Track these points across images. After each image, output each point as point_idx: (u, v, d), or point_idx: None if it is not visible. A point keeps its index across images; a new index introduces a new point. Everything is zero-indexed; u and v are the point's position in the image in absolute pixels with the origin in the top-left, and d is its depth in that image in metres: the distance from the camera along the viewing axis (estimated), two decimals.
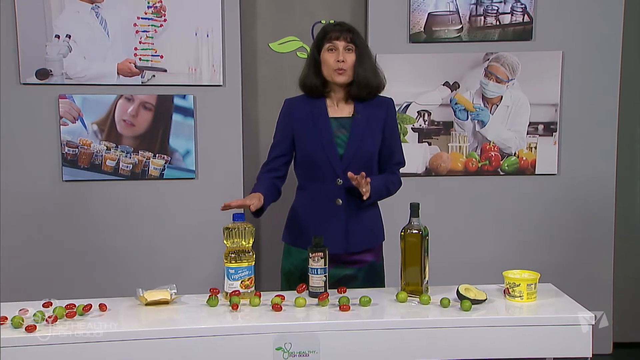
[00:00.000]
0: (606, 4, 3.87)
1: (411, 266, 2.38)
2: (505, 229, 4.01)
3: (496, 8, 3.85)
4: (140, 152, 3.80)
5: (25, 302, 2.30)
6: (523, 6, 3.84)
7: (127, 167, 3.80)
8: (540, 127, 3.93)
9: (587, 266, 4.02)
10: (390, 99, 2.88)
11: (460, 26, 3.86)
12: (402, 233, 2.38)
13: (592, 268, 4.02)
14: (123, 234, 3.86)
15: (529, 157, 3.94)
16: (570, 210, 4.00)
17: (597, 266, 4.03)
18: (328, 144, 2.69)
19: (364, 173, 2.55)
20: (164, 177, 3.84)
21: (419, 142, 3.93)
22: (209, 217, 3.75)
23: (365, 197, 2.61)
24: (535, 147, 3.94)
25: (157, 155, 3.81)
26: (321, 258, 2.36)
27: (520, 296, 2.32)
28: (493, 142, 3.94)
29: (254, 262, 2.38)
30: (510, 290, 2.34)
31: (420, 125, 3.92)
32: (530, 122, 3.93)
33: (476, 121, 3.92)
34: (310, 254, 2.37)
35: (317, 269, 2.36)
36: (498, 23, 3.86)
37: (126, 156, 3.79)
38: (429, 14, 3.84)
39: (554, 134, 3.92)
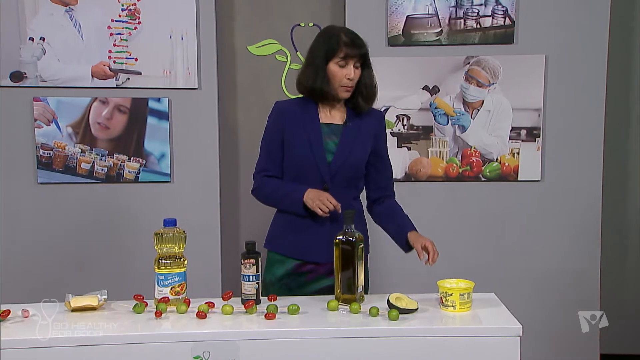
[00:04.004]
0: (591, 6, 3.76)
1: (344, 274, 2.32)
2: (487, 236, 3.92)
3: (476, 11, 3.77)
4: (115, 155, 3.79)
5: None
6: (504, 9, 3.75)
7: (102, 170, 3.79)
8: (523, 132, 3.83)
9: (573, 275, 3.91)
10: (382, 112, 2.84)
11: (440, 29, 3.79)
12: (336, 240, 2.33)
13: (578, 277, 3.91)
14: (98, 237, 3.86)
15: (512, 163, 3.85)
16: (555, 217, 3.90)
17: (583, 275, 3.91)
18: (317, 149, 2.62)
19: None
20: (139, 180, 3.83)
21: (397, 146, 3.86)
22: (183, 221, 3.70)
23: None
24: (518, 153, 3.85)
25: (132, 158, 3.80)
26: (253, 265, 2.32)
27: (453, 306, 2.25)
28: (474, 148, 3.85)
29: (185, 269, 2.34)
30: (443, 299, 2.28)
31: (399, 130, 3.85)
32: (512, 127, 3.84)
33: (457, 126, 3.85)
34: (242, 260, 2.33)
35: (248, 275, 2.32)
36: (479, 26, 3.78)
37: (101, 159, 3.78)
38: (407, 16, 3.77)
39: (537, 139, 3.83)
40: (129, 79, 3.75)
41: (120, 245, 3.86)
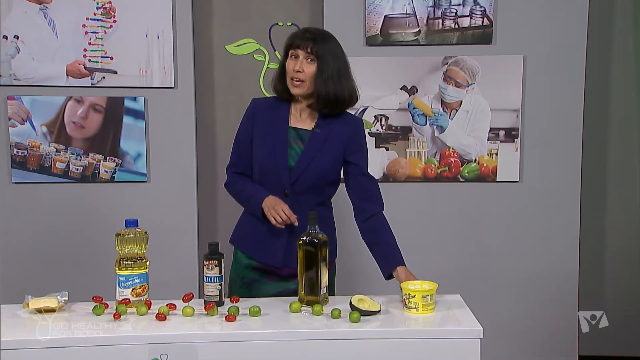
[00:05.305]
0: (570, 7, 3.74)
1: (307, 276, 2.31)
2: (465, 237, 3.90)
3: (455, 11, 3.75)
4: (90, 154, 3.76)
5: None
6: (482, 9, 3.74)
7: (78, 169, 3.76)
8: (502, 133, 3.82)
9: (552, 276, 3.89)
10: (359, 118, 2.80)
11: (418, 29, 3.77)
12: (300, 242, 2.31)
13: (557, 278, 3.89)
14: (73, 237, 3.82)
15: (490, 164, 3.84)
16: (534, 218, 3.88)
17: (561, 276, 3.89)
18: (280, 153, 2.58)
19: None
20: (115, 180, 3.80)
21: (376, 147, 3.83)
22: (161, 221, 3.73)
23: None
24: (497, 154, 3.83)
25: (107, 158, 3.77)
26: (215, 266, 2.30)
27: (415, 307, 2.24)
28: (453, 148, 3.84)
29: (147, 270, 2.32)
30: (406, 301, 2.26)
31: (377, 130, 3.83)
32: (491, 128, 3.82)
33: (435, 126, 3.83)
34: (204, 261, 2.31)
35: (211, 277, 2.30)
36: (457, 26, 3.76)
37: (76, 158, 3.75)
38: (385, 16, 3.75)
39: (515, 140, 3.81)
40: (104, 77, 3.72)
41: (95, 245, 3.82)
